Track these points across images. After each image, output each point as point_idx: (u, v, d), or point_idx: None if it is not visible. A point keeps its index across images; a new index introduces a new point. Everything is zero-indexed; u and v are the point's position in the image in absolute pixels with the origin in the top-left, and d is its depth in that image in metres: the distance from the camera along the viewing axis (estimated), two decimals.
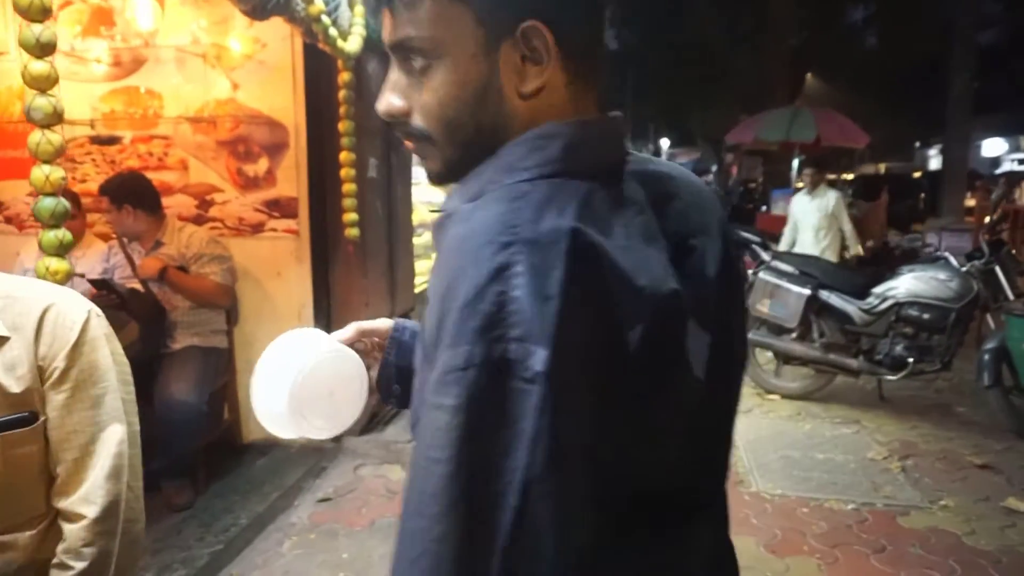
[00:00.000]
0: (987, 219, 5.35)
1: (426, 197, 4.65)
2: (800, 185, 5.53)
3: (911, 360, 4.10)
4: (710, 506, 0.69)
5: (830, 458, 3.59)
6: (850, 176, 11.38)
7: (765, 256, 4.63)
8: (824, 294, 4.31)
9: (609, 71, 23.66)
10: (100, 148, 3.47)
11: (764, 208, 10.03)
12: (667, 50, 19.68)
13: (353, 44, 2.83)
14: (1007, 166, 22.93)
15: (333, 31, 2.61)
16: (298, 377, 0.75)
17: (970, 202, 10.90)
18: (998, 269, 4.10)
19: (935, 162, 25.92)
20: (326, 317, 3.48)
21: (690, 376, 0.60)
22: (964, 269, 4.12)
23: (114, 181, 3.01)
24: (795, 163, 8.96)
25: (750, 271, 4.84)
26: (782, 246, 5.56)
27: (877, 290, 4.23)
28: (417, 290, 4.48)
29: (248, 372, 3.14)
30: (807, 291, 4.29)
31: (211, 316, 3.11)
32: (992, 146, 23.78)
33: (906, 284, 4.17)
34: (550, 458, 0.50)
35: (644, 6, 20.94)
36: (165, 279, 2.92)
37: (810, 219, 5.58)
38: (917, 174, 16.20)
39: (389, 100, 0.66)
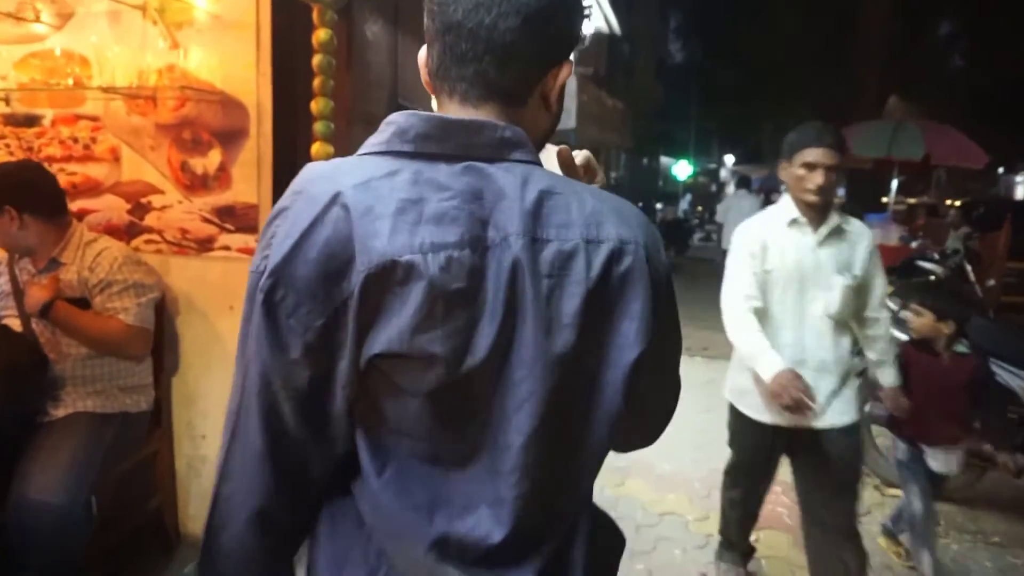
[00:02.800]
0: None
1: None
2: (792, 214, 2.16)
3: None
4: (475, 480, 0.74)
5: None
6: (958, 202, 9.98)
7: (893, 306, 3.50)
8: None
9: (672, 84, 22.56)
10: (15, 130, 2.61)
11: None
12: (736, 63, 18.49)
13: None
14: None
15: None
16: None
17: None
18: None
19: (1021, 190, 23.87)
20: None
21: (426, 344, 0.67)
22: None
23: None
24: (893, 184, 7.71)
25: None
26: (742, 326, 2.16)
27: None
28: None
29: (189, 437, 1.03)
30: None
31: (123, 367, 2.21)
32: None
33: None
34: (262, 347, 0.70)
35: (713, 17, 19.83)
36: (50, 316, 2.03)
37: (811, 283, 2.13)
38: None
39: None
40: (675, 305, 0.81)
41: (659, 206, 17.31)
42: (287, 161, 2.38)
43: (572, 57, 0.83)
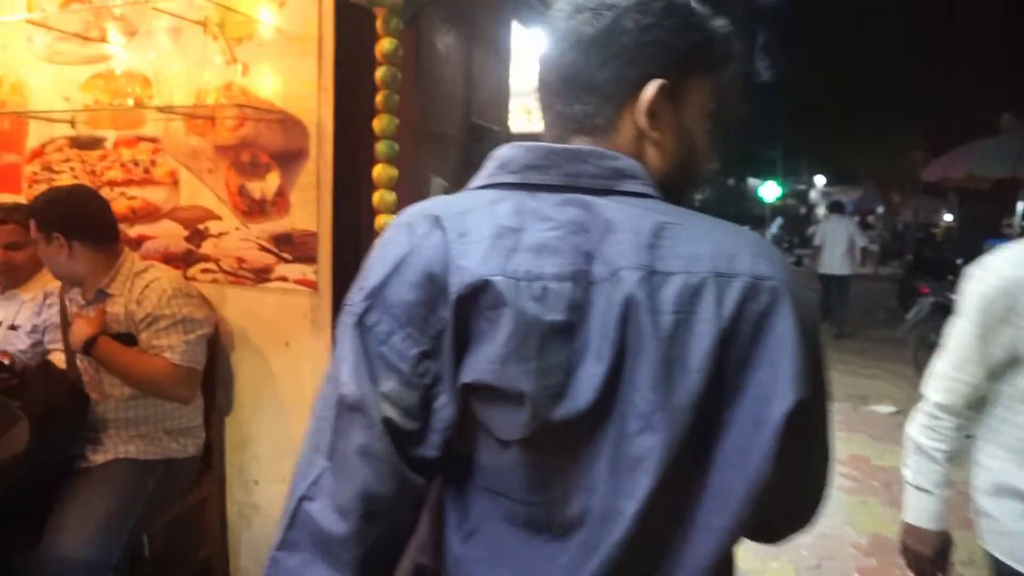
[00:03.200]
0: None
1: None
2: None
3: None
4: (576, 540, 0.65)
5: None
6: None
7: None
8: None
9: (760, 102, 21.75)
10: (80, 153, 2.54)
11: (960, 261, 7.98)
12: (827, 79, 17.63)
13: None
14: None
15: None
16: None
17: None
18: None
19: None
20: None
21: (516, 378, 0.61)
22: None
23: (43, 199, 2.02)
24: (1019, 206, 6.96)
25: None
26: (924, 436, 1.40)
27: None
28: None
29: (241, 483, 1.07)
30: None
31: (169, 408, 2.03)
32: None
33: None
34: (360, 379, 0.66)
35: (803, 32, 19.01)
36: (92, 353, 1.87)
37: None
38: None
39: None
40: (824, 354, 0.66)
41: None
42: (349, 185, 2.18)
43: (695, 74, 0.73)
